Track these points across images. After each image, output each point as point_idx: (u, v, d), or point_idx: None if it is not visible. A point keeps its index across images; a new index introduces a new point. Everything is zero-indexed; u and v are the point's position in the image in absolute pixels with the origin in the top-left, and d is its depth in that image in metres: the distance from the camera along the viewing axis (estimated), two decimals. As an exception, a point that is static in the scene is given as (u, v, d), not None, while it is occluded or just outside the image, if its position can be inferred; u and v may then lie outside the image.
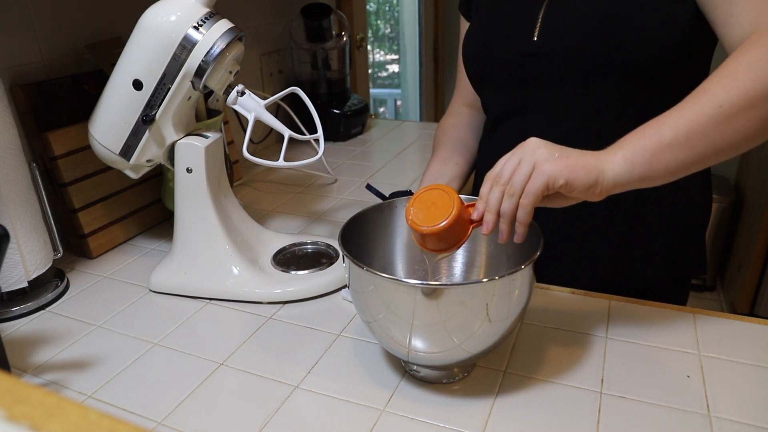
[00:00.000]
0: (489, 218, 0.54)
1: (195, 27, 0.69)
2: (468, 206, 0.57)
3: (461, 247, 0.69)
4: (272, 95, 0.78)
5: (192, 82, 0.72)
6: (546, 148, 0.54)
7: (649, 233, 0.76)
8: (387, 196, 0.71)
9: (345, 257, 0.56)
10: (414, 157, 1.35)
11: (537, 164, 0.53)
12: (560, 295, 0.74)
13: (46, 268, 0.79)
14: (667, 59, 0.66)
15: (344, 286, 0.78)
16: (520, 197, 0.53)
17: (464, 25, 0.89)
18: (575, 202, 0.56)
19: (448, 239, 0.56)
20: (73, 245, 0.91)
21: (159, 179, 1.01)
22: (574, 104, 0.72)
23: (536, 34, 0.72)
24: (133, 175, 0.82)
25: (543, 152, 0.53)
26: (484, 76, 0.81)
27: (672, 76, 0.68)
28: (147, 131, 0.75)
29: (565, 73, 0.71)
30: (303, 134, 0.80)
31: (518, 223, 0.54)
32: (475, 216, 0.56)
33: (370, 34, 2.36)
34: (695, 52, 0.67)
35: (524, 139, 0.56)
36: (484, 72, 0.80)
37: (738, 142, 0.54)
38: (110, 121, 0.75)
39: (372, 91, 2.35)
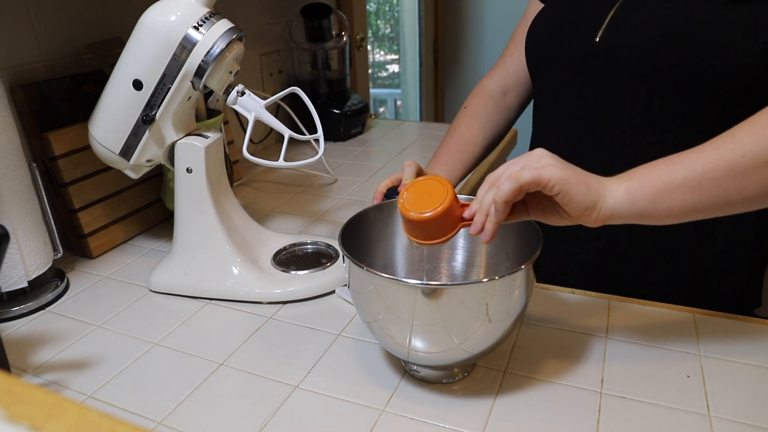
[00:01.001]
0: (479, 219, 0.53)
1: (195, 27, 0.69)
2: (463, 205, 0.56)
3: (461, 248, 0.69)
4: (272, 95, 0.78)
5: (192, 82, 0.72)
6: (552, 158, 0.51)
7: (677, 253, 0.73)
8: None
9: (345, 257, 0.56)
10: (414, 157, 1.35)
11: (536, 168, 0.50)
12: (560, 295, 0.74)
13: (46, 268, 0.79)
14: (728, 88, 0.63)
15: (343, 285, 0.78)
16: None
17: (532, 5, 0.86)
18: (570, 224, 0.53)
19: (432, 230, 0.55)
20: (73, 245, 0.91)
21: (159, 179, 1.01)
22: (619, 113, 0.70)
23: (599, 35, 0.69)
24: (133, 175, 0.82)
25: (548, 161, 0.51)
26: (540, 66, 0.79)
27: (728, 107, 0.64)
28: (147, 131, 0.75)
29: (618, 80, 0.68)
30: (303, 134, 0.81)
31: (488, 218, 0.52)
32: (466, 214, 0.55)
33: (370, 34, 2.36)
34: (760, 88, 0.63)
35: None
36: (540, 63, 0.78)
37: (754, 197, 0.50)
38: (110, 121, 0.75)
39: (372, 91, 2.34)
